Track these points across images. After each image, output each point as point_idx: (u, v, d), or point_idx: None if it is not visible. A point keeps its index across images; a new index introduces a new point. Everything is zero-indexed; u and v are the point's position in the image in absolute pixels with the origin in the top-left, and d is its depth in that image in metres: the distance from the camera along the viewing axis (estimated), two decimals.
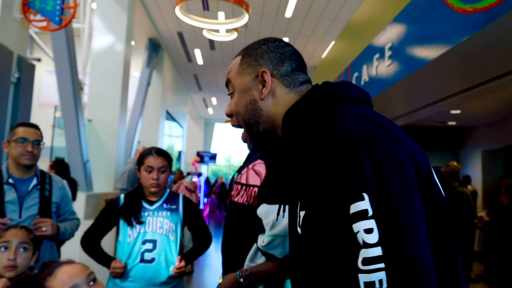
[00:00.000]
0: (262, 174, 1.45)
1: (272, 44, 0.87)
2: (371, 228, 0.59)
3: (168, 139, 11.91)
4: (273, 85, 0.83)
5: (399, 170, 0.64)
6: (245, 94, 0.86)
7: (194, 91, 14.82)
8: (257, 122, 0.85)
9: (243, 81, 0.86)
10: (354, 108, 0.76)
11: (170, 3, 7.46)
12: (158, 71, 9.64)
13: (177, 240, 1.94)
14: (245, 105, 0.86)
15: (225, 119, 18.79)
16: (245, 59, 0.87)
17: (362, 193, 0.61)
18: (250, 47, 0.89)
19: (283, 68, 0.84)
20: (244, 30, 8.52)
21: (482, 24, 2.46)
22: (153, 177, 1.90)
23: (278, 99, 0.84)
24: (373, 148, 0.65)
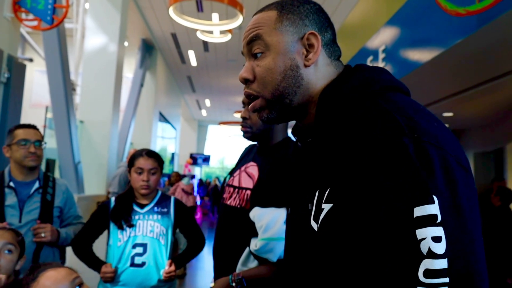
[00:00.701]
0: (255, 176, 1.43)
1: (313, 6, 0.74)
2: (439, 237, 0.52)
3: (161, 140, 11.85)
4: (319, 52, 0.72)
5: (465, 175, 0.57)
6: (284, 56, 0.71)
7: (187, 93, 14.77)
8: (294, 92, 0.72)
9: (283, 40, 0.72)
10: (406, 98, 0.66)
11: (163, 4, 7.43)
12: (151, 72, 9.59)
13: (167, 243, 1.92)
14: (283, 70, 0.71)
15: (219, 120, 18.78)
16: (286, 15, 0.73)
17: (432, 195, 0.53)
18: (287, 2, 0.74)
19: (327, 35, 0.74)
20: (238, 31, 8.51)
21: (475, 27, 2.47)
22: (143, 179, 1.87)
23: (320, 70, 0.73)
24: (441, 147, 0.57)
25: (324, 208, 0.63)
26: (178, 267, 1.90)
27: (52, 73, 4.32)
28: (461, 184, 0.55)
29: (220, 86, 13.34)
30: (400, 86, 0.70)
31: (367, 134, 0.60)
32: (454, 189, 0.54)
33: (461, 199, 0.54)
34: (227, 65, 10.92)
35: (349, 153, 0.61)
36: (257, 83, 0.74)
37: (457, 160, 0.57)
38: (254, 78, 0.74)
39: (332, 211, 0.61)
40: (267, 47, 0.72)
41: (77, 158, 4.79)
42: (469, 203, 0.55)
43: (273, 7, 0.75)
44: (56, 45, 4.15)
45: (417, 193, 0.53)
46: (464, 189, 0.55)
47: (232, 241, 1.43)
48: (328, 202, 0.62)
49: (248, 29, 0.76)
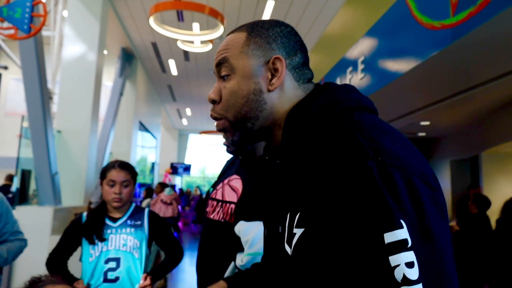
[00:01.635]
0: (239, 190, 1.42)
1: (285, 28, 0.73)
2: (411, 262, 0.50)
3: (141, 150, 11.69)
4: (283, 77, 0.71)
5: (432, 194, 0.56)
6: (248, 80, 0.71)
7: (168, 102, 14.66)
8: (256, 116, 0.71)
9: (249, 64, 0.71)
10: (371, 118, 0.65)
11: (144, 13, 7.39)
12: (131, 81, 9.49)
13: (142, 257, 1.87)
14: (246, 94, 0.70)
15: (200, 130, 18.69)
16: (254, 38, 0.72)
17: (400, 219, 0.51)
18: (258, 25, 0.74)
19: (296, 59, 0.72)
20: (219, 41, 8.53)
21: (450, 40, 2.55)
22: (115, 191, 1.82)
23: (285, 94, 0.71)
24: (405, 167, 0.55)
25: (296, 233, 0.61)
26: (154, 281, 1.86)
27: (28, 81, 4.22)
28: (428, 204, 0.54)
29: (201, 95, 13.30)
30: (367, 105, 0.69)
31: (332, 158, 0.59)
32: (421, 210, 0.53)
33: (430, 220, 0.53)
34: (208, 74, 10.91)
35: (316, 178, 0.60)
36: (221, 105, 0.74)
37: (422, 179, 0.56)
38: (220, 100, 0.74)
39: (304, 236, 0.59)
40: (233, 70, 0.72)
41: (54, 169, 4.68)
42: (438, 222, 0.54)
43: (244, 29, 0.75)
44: (33, 54, 4.07)
45: (385, 218, 0.51)
46: (431, 208, 0.54)
47: (216, 256, 1.41)
48: (300, 227, 0.60)
49: (218, 51, 0.76)
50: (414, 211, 0.52)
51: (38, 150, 4.48)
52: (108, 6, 6.74)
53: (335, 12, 6.88)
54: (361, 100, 0.69)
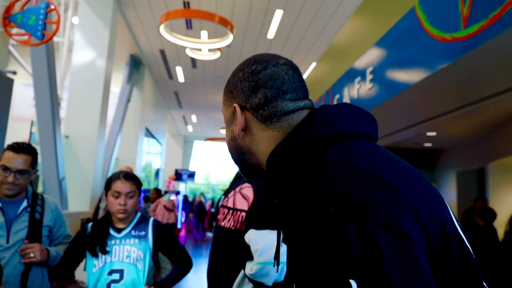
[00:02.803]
0: (250, 198, 1.43)
1: (248, 69, 0.73)
2: None
3: (146, 156, 11.74)
4: (247, 121, 0.72)
5: (399, 242, 0.49)
6: (228, 129, 0.77)
7: (174, 108, 14.74)
8: (242, 159, 0.76)
9: (226, 114, 0.77)
10: (348, 150, 0.61)
11: (153, 20, 7.47)
12: (138, 87, 9.56)
13: (145, 269, 1.84)
14: (228, 140, 0.77)
15: (205, 137, 18.74)
16: (225, 89, 0.77)
17: (348, 279, 0.47)
18: (232, 74, 0.77)
19: (255, 100, 0.70)
20: (226, 49, 8.59)
21: (460, 53, 2.55)
22: (120, 203, 1.81)
23: (255, 137, 0.72)
24: (363, 216, 0.50)
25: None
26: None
27: (39, 87, 4.27)
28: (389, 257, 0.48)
29: (207, 103, 13.36)
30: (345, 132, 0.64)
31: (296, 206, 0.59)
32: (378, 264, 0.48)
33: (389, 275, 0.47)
34: (215, 81, 10.97)
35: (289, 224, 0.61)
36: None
37: (389, 226, 0.50)
38: None
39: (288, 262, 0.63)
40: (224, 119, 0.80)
41: (62, 174, 4.70)
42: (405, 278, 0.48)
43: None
44: (44, 60, 4.12)
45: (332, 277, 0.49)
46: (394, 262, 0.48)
47: (226, 263, 1.41)
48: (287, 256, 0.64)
49: None
50: (368, 269, 0.48)
51: (46, 155, 4.52)
52: (118, 13, 6.82)
53: (344, 22, 6.92)
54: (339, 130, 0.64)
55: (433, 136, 6.66)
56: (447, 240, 0.56)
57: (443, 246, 0.55)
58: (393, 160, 0.63)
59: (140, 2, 6.87)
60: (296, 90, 0.72)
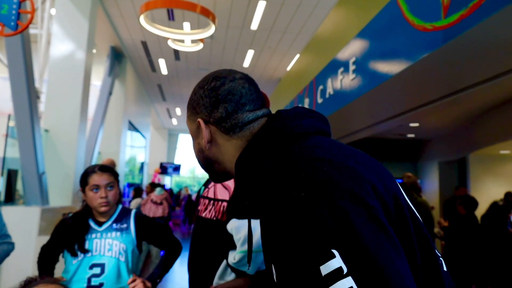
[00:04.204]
0: (231, 188, 1.41)
1: (208, 86, 0.80)
2: (350, 287, 0.50)
3: (130, 150, 11.59)
4: (212, 133, 0.79)
5: (364, 211, 0.56)
6: (194, 141, 0.84)
7: (157, 101, 14.57)
8: (210, 169, 0.84)
9: (191, 128, 0.84)
10: (306, 145, 0.68)
11: (134, 11, 7.33)
12: (120, 80, 9.40)
13: (128, 260, 1.82)
14: (197, 152, 0.84)
15: None
16: (189, 106, 0.83)
17: (330, 250, 0.52)
18: (192, 92, 0.84)
19: (217, 114, 0.78)
20: (209, 41, 8.50)
21: (441, 42, 2.57)
22: (101, 196, 1.77)
23: (221, 147, 0.79)
24: (331, 195, 0.57)
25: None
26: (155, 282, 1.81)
27: (15, 80, 4.14)
28: (359, 225, 0.54)
29: None
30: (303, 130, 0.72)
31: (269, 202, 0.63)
32: (352, 233, 0.53)
33: (364, 240, 0.53)
34: (199, 73, 10.86)
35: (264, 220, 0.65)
36: None
37: (352, 199, 0.57)
38: None
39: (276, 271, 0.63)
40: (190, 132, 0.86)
41: (42, 169, 4.59)
42: (376, 240, 0.54)
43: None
44: (20, 51, 3.99)
45: (316, 252, 0.53)
46: (365, 228, 0.54)
47: (208, 254, 1.40)
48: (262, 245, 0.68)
49: None
50: (344, 237, 0.53)
51: (25, 149, 4.40)
52: (97, 4, 6.67)
53: (327, 13, 6.91)
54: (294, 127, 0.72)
55: (416, 127, 6.74)
56: (400, 209, 0.65)
57: (398, 213, 0.64)
58: (348, 148, 0.71)
59: None
60: (253, 101, 0.79)
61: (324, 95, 5.12)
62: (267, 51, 9.27)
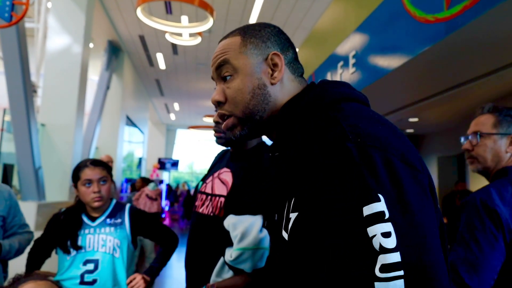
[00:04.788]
0: (229, 183, 1.37)
1: (273, 28, 0.82)
2: (388, 232, 0.54)
3: (128, 145, 11.53)
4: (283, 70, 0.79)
5: (412, 173, 0.60)
6: (252, 77, 0.77)
7: (155, 96, 14.49)
8: (263, 109, 0.77)
9: (250, 62, 0.78)
10: (358, 107, 0.71)
11: (131, 5, 7.25)
12: (118, 75, 9.33)
13: (123, 256, 1.79)
14: (252, 89, 0.77)
15: (188, 125, 18.55)
16: (249, 39, 0.79)
17: (378, 194, 0.56)
18: (249, 28, 0.81)
19: (289, 54, 0.80)
20: (207, 35, 8.42)
21: (443, 34, 2.52)
22: (94, 190, 1.73)
23: (285, 86, 0.79)
24: (384, 148, 0.60)
25: (291, 218, 0.66)
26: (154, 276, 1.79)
27: (10, 73, 4.08)
28: (407, 181, 0.58)
29: (190, 90, 13.17)
30: (355, 97, 0.74)
31: (316, 143, 0.64)
32: (399, 186, 0.57)
33: (408, 196, 0.56)
34: (197, 68, 10.79)
35: (303, 162, 0.65)
36: (228, 104, 0.79)
37: (402, 159, 0.60)
38: (226, 100, 0.79)
39: (298, 219, 0.64)
40: (235, 70, 0.78)
41: (38, 163, 4.55)
42: (419, 199, 0.58)
43: (237, 33, 0.81)
44: (15, 44, 3.93)
45: (363, 193, 0.56)
46: (411, 186, 0.58)
47: (205, 251, 1.36)
48: (294, 211, 0.65)
49: (216, 56, 0.82)
50: (392, 187, 0.56)
51: (20, 144, 4.35)
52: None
53: (326, 7, 6.84)
54: (349, 93, 0.74)
55: (415, 122, 6.71)
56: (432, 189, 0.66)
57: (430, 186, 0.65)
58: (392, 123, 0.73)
59: None
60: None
61: None
62: None
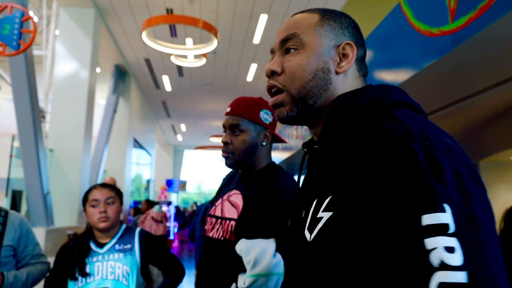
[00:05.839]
0: (239, 206, 1.33)
1: (353, 21, 0.77)
2: (452, 247, 0.46)
3: (136, 167, 11.56)
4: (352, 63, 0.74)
5: (480, 190, 0.53)
6: (318, 58, 0.71)
7: (162, 118, 14.59)
8: (319, 94, 0.71)
9: (320, 42, 0.72)
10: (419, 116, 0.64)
11: (136, 29, 7.37)
12: (124, 98, 9.43)
13: (132, 283, 1.73)
14: (315, 70, 0.71)
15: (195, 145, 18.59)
16: (328, 21, 0.74)
17: (443, 203, 0.48)
18: (330, 11, 0.76)
19: (361, 51, 0.75)
20: (212, 56, 8.51)
21: (449, 47, 2.50)
22: (100, 210, 1.70)
23: (348, 80, 0.73)
24: (453, 158, 0.53)
25: (322, 217, 0.60)
26: None
27: (19, 100, 4.13)
28: (476, 196, 0.50)
29: (196, 111, 13.25)
30: (416, 106, 0.68)
31: (375, 140, 0.57)
32: (468, 200, 0.49)
33: (478, 212, 0.49)
34: (202, 89, 10.87)
35: (356, 159, 0.59)
36: (284, 77, 0.73)
37: (471, 173, 0.53)
38: (282, 72, 0.73)
39: (332, 220, 0.58)
40: (302, 45, 0.72)
41: (46, 189, 4.55)
42: (487, 218, 0.50)
43: (316, 11, 0.76)
44: (23, 72, 3.99)
45: (425, 200, 0.49)
46: (480, 202, 0.50)
47: (217, 277, 1.31)
48: (328, 210, 0.59)
49: (286, 27, 0.75)
50: (460, 198, 0.49)
51: (29, 169, 4.36)
52: (100, 23, 6.71)
53: None
54: (410, 100, 0.69)
55: None
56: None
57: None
58: None
59: (122, 11, 6.77)
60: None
61: None
62: None
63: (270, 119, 1.39)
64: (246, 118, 1.34)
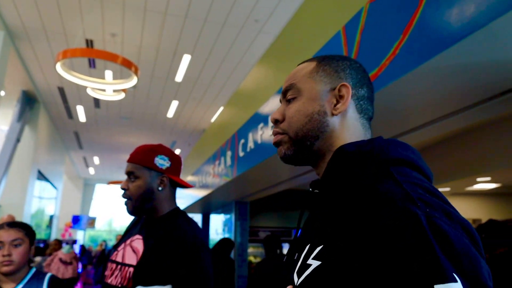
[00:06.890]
0: (139, 251, 1.32)
1: (354, 63, 0.78)
2: None
3: (38, 201, 10.57)
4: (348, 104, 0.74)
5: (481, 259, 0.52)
6: (314, 102, 0.74)
7: (73, 149, 13.70)
8: (316, 136, 0.73)
9: (315, 87, 0.75)
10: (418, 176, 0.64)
11: (51, 56, 7.01)
12: (31, 126, 8.74)
13: None
14: (310, 113, 0.74)
15: (108, 179, 17.62)
16: (323, 67, 0.77)
17: (453, 273, 0.48)
18: (328, 57, 0.79)
19: (362, 91, 0.75)
20: (132, 90, 8.36)
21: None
22: (4, 253, 1.58)
23: (346, 122, 0.74)
24: (455, 226, 0.53)
25: (311, 264, 0.60)
26: None
27: None
28: (483, 267, 0.51)
29: (112, 143, 12.69)
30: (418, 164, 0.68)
31: (375, 203, 0.57)
32: (477, 269, 0.49)
33: (487, 281, 0.50)
34: (120, 122, 10.52)
35: (353, 218, 0.58)
36: (285, 123, 0.77)
37: (472, 239, 0.53)
38: (283, 119, 0.77)
39: (319, 270, 0.58)
40: (299, 93, 0.76)
41: None
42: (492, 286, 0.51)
43: (315, 59, 0.80)
44: None
45: (435, 269, 0.48)
46: (487, 274, 0.51)
47: None
48: (317, 259, 0.59)
49: (287, 79, 0.81)
50: (470, 268, 0.49)
51: None
52: (9, 44, 6.28)
53: (249, 70, 7.24)
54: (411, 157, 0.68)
55: None
56: None
57: None
58: None
59: (36, 38, 6.43)
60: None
61: (246, 149, 5.22)
62: (191, 102, 9.35)
63: (167, 164, 1.43)
64: (141, 165, 1.39)
